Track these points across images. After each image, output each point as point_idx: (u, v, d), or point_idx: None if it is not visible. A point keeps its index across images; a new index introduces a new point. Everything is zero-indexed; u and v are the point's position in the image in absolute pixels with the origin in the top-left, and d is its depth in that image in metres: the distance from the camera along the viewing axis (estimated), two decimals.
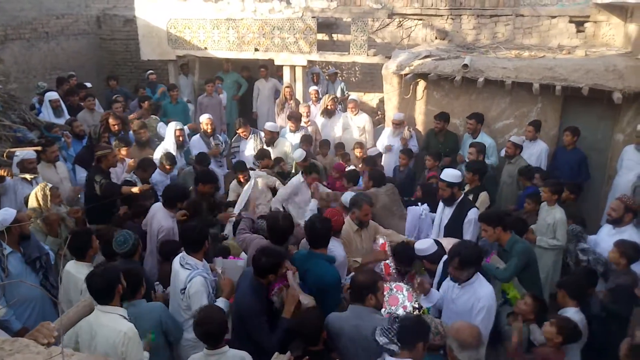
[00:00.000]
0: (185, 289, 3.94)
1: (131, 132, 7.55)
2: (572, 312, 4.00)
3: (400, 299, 4.36)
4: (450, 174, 5.39)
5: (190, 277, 3.92)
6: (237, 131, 8.05)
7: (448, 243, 4.80)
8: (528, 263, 4.56)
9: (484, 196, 5.97)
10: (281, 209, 6.11)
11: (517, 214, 6.06)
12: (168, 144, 7.31)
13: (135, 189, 5.88)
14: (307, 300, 3.78)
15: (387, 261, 4.79)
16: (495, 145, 7.36)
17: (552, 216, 5.51)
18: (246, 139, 8.01)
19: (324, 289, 3.98)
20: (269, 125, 7.85)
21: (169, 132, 7.41)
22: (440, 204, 5.58)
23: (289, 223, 4.34)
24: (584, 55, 7.84)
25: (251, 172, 6.57)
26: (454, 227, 5.36)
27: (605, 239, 5.16)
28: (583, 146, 7.11)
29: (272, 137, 7.70)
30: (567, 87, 6.97)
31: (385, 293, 4.23)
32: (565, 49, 8.45)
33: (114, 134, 7.30)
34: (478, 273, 3.93)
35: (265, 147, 7.61)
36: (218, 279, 4.25)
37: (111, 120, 7.38)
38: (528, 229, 5.56)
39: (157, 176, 6.58)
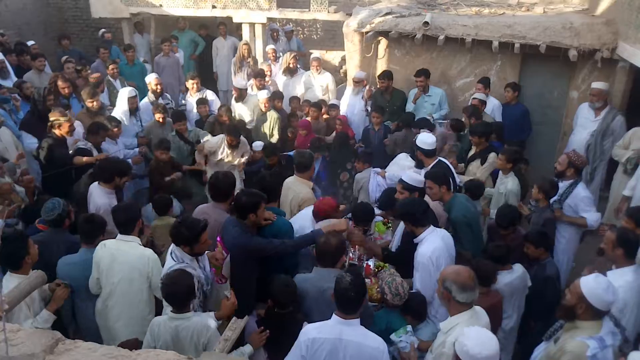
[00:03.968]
0: None
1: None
2: (504, 274, 4.14)
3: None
4: (422, 140, 5.42)
5: (171, 268, 3.59)
6: (190, 82, 7.91)
7: None
8: (469, 224, 4.55)
9: (492, 157, 5.87)
10: None
11: None
12: (121, 112, 7.10)
13: (86, 159, 5.62)
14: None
15: (369, 262, 4.54)
16: (445, 94, 7.44)
17: (504, 186, 5.41)
18: (192, 95, 7.88)
19: None
20: (237, 83, 7.85)
21: (122, 98, 7.19)
22: None
23: (231, 180, 4.49)
24: (542, 12, 7.90)
25: None
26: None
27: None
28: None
29: (241, 94, 7.74)
30: (525, 44, 7.03)
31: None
32: (524, 6, 8.49)
33: (64, 97, 6.96)
34: (431, 230, 3.97)
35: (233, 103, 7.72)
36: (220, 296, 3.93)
37: (60, 83, 6.92)
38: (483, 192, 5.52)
39: (105, 145, 6.29)
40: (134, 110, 7.21)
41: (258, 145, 6.95)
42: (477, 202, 5.28)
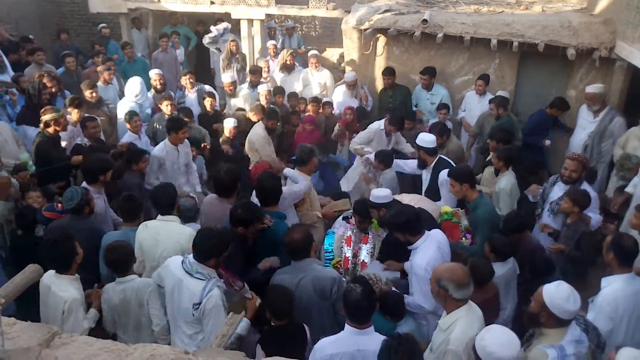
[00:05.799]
0: (200, 303, 3.36)
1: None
2: (497, 266, 4.12)
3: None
4: (422, 139, 5.43)
5: (207, 289, 3.36)
6: (184, 78, 7.93)
7: (410, 200, 4.90)
8: (491, 226, 4.51)
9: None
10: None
11: None
12: (134, 99, 7.19)
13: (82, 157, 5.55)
14: None
15: (364, 259, 4.70)
16: (449, 95, 7.49)
17: (498, 184, 5.27)
18: (190, 91, 7.90)
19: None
20: (227, 77, 7.81)
21: (130, 87, 7.27)
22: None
23: (234, 175, 4.57)
24: (541, 11, 7.91)
25: None
26: (433, 190, 5.41)
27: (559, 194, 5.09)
28: (537, 102, 7.25)
29: (234, 88, 7.75)
30: (523, 43, 7.04)
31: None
32: (523, 4, 8.49)
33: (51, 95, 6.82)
34: (426, 237, 3.87)
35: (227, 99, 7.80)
36: (241, 295, 3.79)
37: (46, 82, 6.69)
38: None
39: (127, 137, 6.27)
40: (161, 90, 7.58)
41: (230, 121, 6.89)
42: None
